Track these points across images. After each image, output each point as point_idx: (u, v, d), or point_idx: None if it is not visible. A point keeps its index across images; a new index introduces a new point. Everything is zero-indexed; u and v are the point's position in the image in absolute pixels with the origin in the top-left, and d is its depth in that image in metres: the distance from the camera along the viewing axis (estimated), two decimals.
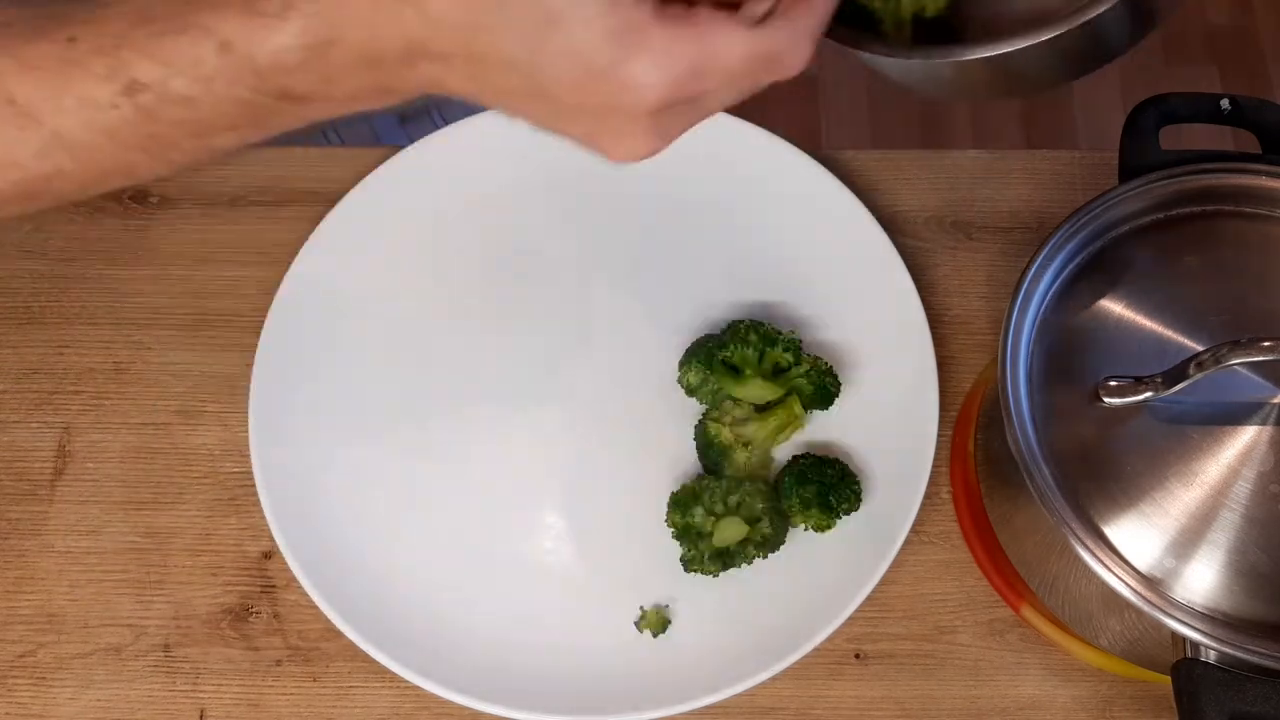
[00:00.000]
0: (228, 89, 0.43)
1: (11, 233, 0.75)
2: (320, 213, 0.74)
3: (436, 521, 0.68)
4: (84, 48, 0.43)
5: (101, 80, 0.43)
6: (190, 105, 0.44)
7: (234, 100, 0.44)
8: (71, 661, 0.65)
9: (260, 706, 0.65)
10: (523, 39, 0.42)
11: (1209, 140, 0.62)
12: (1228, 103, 0.61)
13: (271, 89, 0.44)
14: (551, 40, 0.42)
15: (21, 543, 0.68)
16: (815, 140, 1.37)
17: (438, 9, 0.41)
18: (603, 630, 0.66)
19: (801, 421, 0.68)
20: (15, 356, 0.72)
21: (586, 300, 0.73)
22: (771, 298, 0.73)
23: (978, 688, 0.65)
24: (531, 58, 0.42)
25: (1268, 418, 0.53)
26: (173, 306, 0.74)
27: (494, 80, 0.44)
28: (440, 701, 0.63)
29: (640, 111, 0.43)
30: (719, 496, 0.65)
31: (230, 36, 0.42)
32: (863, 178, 0.76)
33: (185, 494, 0.69)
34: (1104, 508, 0.54)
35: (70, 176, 0.46)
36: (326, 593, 0.64)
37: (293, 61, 0.43)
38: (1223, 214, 0.59)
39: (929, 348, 0.69)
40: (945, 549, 0.68)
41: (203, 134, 0.45)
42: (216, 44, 0.42)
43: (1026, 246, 0.74)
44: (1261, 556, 0.52)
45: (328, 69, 0.43)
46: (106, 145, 0.45)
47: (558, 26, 0.41)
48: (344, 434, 0.70)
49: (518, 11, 0.41)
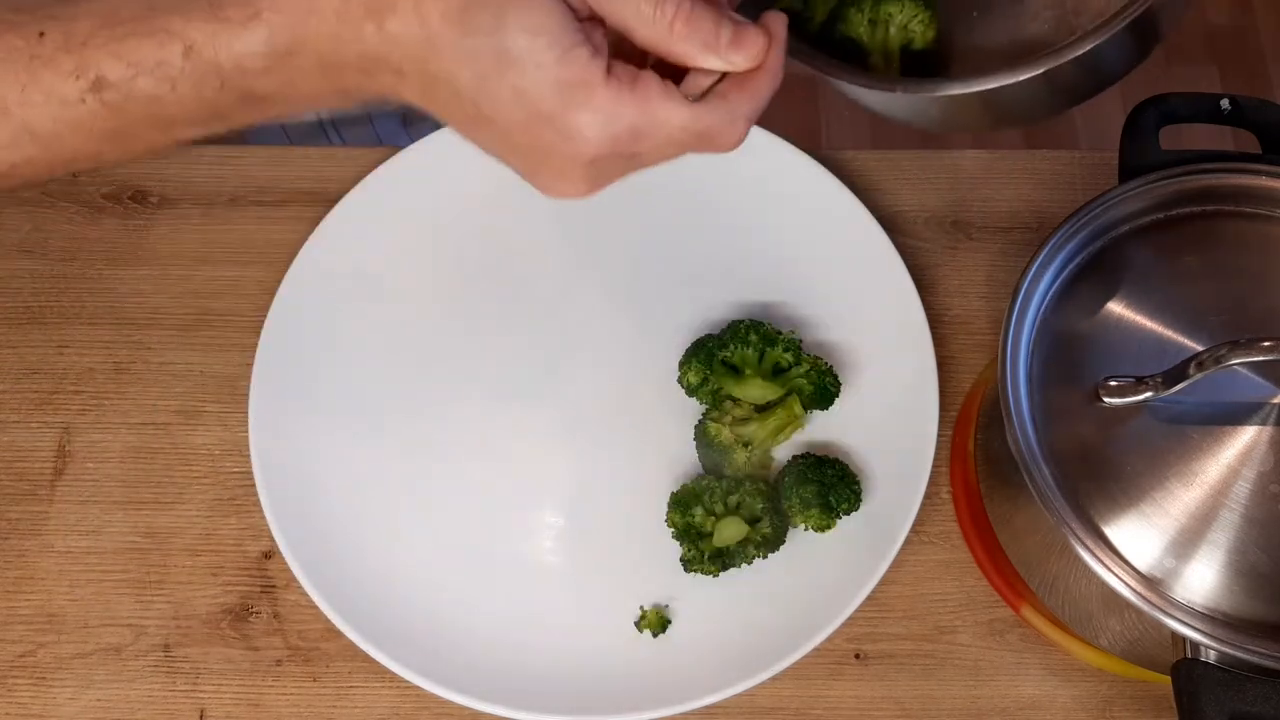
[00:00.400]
0: (192, 90, 0.45)
1: (11, 233, 0.75)
2: (320, 213, 0.74)
3: (436, 521, 0.68)
4: (52, 44, 0.44)
5: (69, 76, 0.44)
6: (155, 103, 0.45)
7: (198, 100, 0.45)
8: (71, 661, 0.65)
9: (260, 706, 0.65)
10: (476, 71, 0.43)
11: (1209, 140, 0.62)
12: (1228, 103, 0.61)
13: (234, 90, 0.45)
14: (504, 78, 0.43)
15: (21, 543, 0.68)
16: (815, 140, 1.37)
17: (397, 27, 0.43)
18: (603, 630, 0.66)
19: (801, 421, 0.68)
20: (15, 356, 0.72)
21: (586, 300, 0.74)
22: (771, 298, 0.73)
23: (978, 688, 0.65)
24: (481, 90, 0.44)
25: (1267, 418, 0.53)
26: (173, 306, 0.74)
27: (444, 101, 0.45)
28: (440, 701, 0.63)
29: (579, 159, 0.46)
30: (719, 496, 0.65)
31: (196, 40, 0.43)
32: (863, 178, 0.76)
33: (185, 494, 0.69)
34: (1104, 508, 0.54)
35: (37, 163, 0.47)
36: (326, 593, 0.64)
37: (256, 67, 0.44)
38: (1223, 214, 0.59)
39: (929, 348, 0.69)
40: (945, 549, 0.68)
41: (166, 128, 0.47)
42: (182, 47, 0.44)
43: (1026, 246, 0.74)
44: (1261, 556, 0.52)
45: (290, 74, 0.44)
46: (73, 137, 0.46)
47: (512, 67, 0.43)
48: (344, 434, 0.70)
49: (476, 45, 0.43)
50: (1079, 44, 0.49)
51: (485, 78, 0.44)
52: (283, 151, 0.78)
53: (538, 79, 0.43)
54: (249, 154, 0.78)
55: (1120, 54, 0.52)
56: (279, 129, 0.83)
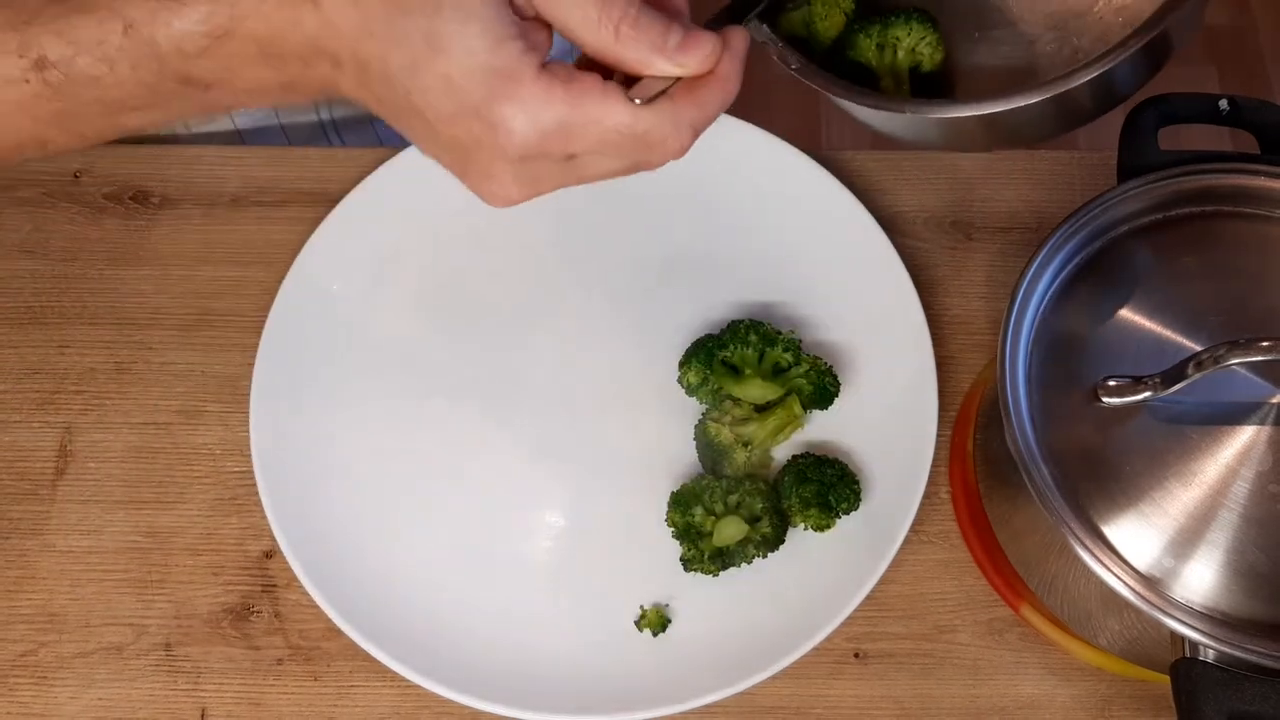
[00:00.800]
0: (131, 71, 0.45)
1: (12, 233, 0.75)
2: (320, 213, 0.74)
3: (436, 521, 0.68)
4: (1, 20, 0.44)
5: (13, 55, 0.44)
6: (96, 84, 0.45)
7: (138, 82, 0.45)
8: (73, 661, 0.65)
9: (261, 706, 0.65)
10: (406, 56, 0.43)
11: (1208, 140, 0.62)
12: (1226, 103, 0.61)
13: (174, 74, 0.45)
14: (433, 64, 0.43)
15: (23, 542, 0.68)
16: (815, 140, 1.37)
17: (332, 9, 0.43)
18: (603, 630, 0.66)
19: (801, 421, 0.68)
20: (16, 356, 0.72)
21: (586, 300, 0.74)
22: (771, 298, 0.73)
23: (977, 687, 0.65)
24: (413, 78, 0.44)
25: (1266, 418, 0.53)
26: (174, 306, 0.74)
27: (377, 90, 0.45)
28: (440, 701, 0.63)
29: (506, 155, 0.45)
30: (719, 496, 0.65)
31: (135, 18, 0.44)
32: (863, 178, 0.76)
33: (186, 493, 0.69)
34: (1103, 508, 0.54)
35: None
36: (327, 592, 0.64)
37: (194, 49, 0.44)
38: (1221, 214, 0.59)
39: (928, 348, 0.69)
40: (945, 549, 0.68)
41: (111, 113, 0.47)
42: (122, 25, 0.44)
43: (1026, 246, 0.74)
44: (1260, 556, 0.52)
45: (229, 59, 0.44)
46: (19, 118, 0.46)
47: (440, 53, 0.43)
48: (344, 434, 0.70)
49: (407, 28, 0.43)
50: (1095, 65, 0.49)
51: (416, 64, 0.43)
52: (283, 152, 0.78)
53: (467, 66, 0.43)
54: (250, 154, 0.78)
55: (1133, 73, 0.52)
56: (279, 129, 0.83)
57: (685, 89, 0.46)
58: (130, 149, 0.78)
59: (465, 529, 0.68)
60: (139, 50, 0.44)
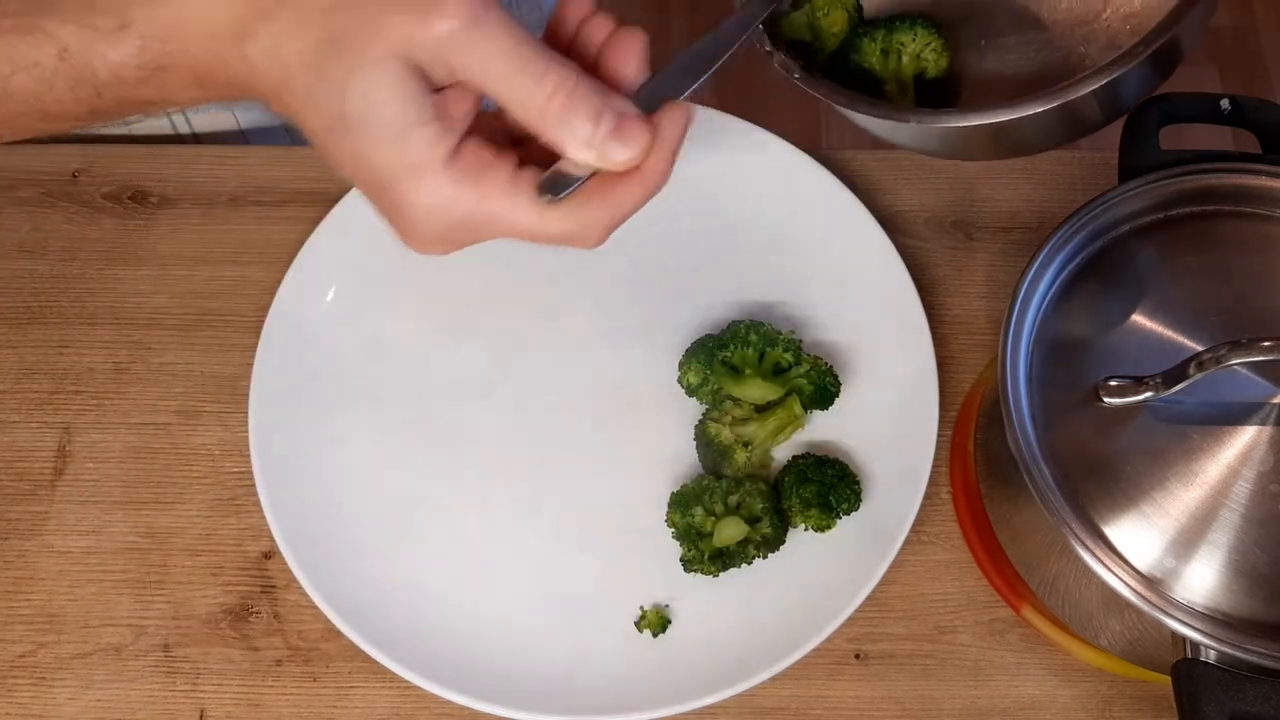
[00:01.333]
0: (69, 91, 0.45)
1: (11, 233, 0.75)
2: (320, 213, 0.74)
3: (436, 521, 0.68)
4: None
5: None
6: (35, 99, 0.45)
7: (76, 100, 0.45)
8: (71, 661, 0.65)
9: (260, 706, 0.65)
10: (321, 122, 0.43)
11: (1209, 140, 0.62)
12: (1228, 103, 0.61)
13: (112, 96, 0.45)
14: (344, 139, 0.43)
15: (21, 543, 0.68)
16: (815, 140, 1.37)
17: (258, 56, 0.43)
18: (603, 630, 0.66)
19: (801, 421, 0.68)
20: (15, 356, 0.72)
21: (586, 299, 0.73)
22: (771, 298, 0.73)
23: (978, 688, 0.65)
24: (327, 142, 0.44)
25: (1267, 418, 0.53)
26: (173, 306, 0.74)
27: (305, 132, 0.45)
28: (440, 701, 0.63)
29: (416, 230, 0.45)
30: (719, 496, 0.65)
31: (70, 45, 0.44)
32: (863, 178, 0.76)
33: (185, 494, 0.69)
34: (1104, 508, 0.54)
35: None
36: (326, 593, 0.64)
37: (131, 78, 0.44)
38: (1222, 214, 0.59)
39: (929, 348, 0.69)
40: (945, 549, 0.68)
41: (50, 121, 0.47)
42: (57, 50, 0.44)
43: (1026, 246, 0.74)
44: (1261, 556, 0.52)
45: (164, 86, 0.45)
46: None
47: (350, 133, 0.43)
48: (344, 434, 0.70)
49: (322, 96, 0.43)
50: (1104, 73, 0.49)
51: (330, 131, 0.43)
52: (283, 151, 0.78)
53: (372, 154, 0.42)
54: (249, 154, 0.78)
55: (1142, 81, 0.52)
56: (280, 129, 0.83)
57: (603, 185, 0.44)
58: (129, 149, 0.78)
59: (465, 529, 0.68)
60: (75, 74, 0.44)
